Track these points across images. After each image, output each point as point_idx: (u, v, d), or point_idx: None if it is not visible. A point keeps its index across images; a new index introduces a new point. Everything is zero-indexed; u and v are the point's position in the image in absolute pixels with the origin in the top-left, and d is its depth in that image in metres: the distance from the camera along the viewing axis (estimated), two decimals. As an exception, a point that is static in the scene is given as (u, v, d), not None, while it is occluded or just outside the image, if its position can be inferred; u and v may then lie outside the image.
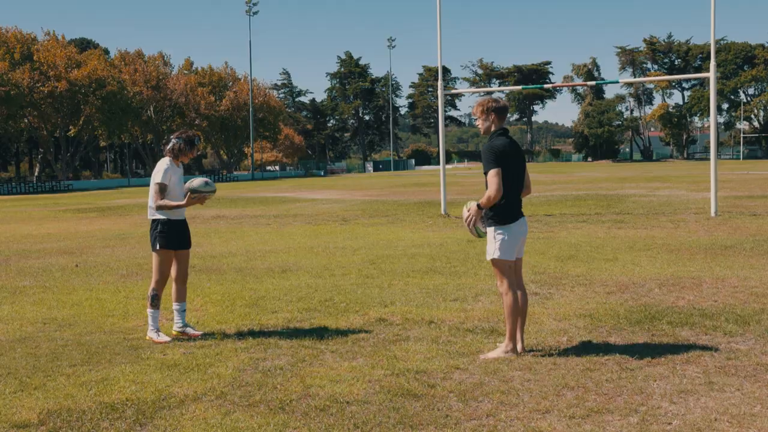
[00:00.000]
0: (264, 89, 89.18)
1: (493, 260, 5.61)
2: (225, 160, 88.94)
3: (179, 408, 4.59)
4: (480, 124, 5.70)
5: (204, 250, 12.98)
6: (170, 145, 6.50)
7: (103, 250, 13.56)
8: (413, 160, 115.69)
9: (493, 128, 5.65)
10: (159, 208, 6.34)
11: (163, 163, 6.45)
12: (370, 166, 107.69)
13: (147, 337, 6.38)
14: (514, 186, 5.56)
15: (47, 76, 59.74)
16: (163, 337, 6.33)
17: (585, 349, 5.74)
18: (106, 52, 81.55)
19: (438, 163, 21.85)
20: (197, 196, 6.46)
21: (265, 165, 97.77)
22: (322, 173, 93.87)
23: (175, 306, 6.56)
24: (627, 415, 4.29)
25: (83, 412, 4.54)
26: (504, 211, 5.53)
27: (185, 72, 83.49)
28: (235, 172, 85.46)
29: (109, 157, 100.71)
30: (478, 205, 5.54)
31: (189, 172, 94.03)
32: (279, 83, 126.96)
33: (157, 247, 6.36)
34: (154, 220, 6.43)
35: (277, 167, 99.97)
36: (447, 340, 6.08)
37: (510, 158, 5.51)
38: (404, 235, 14.61)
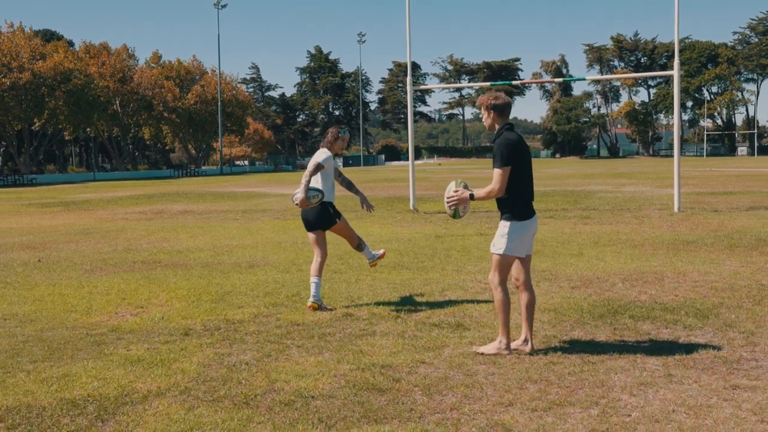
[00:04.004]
0: (232, 83, 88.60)
1: (497, 254, 5.51)
2: (193, 155, 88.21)
3: (142, 403, 4.56)
4: (484, 120, 5.66)
5: (170, 245, 12.88)
6: (325, 138, 7.59)
7: (67, 245, 13.39)
8: (383, 156, 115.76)
9: (496, 125, 5.57)
10: (305, 186, 7.12)
11: (325, 152, 7.41)
12: (339, 161, 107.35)
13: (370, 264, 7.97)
14: (526, 182, 5.48)
15: (9, 68, 58.71)
16: (380, 251, 8.03)
17: (548, 343, 5.81)
18: (71, 44, 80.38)
19: (407, 159, 21.92)
20: (303, 199, 7.18)
21: (233, 160, 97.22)
22: (291, 168, 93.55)
23: (314, 279, 7.27)
24: (588, 408, 4.35)
25: (43, 408, 4.49)
26: (520, 206, 5.46)
27: (152, 65, 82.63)
28: (203, 167, 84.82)
29: (74, 150, 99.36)
30: (472, 195, 5.49)
31: (156, 167, 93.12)
32: (248, 77, 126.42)
33: (338, 220, 7.49)
34: (323, 202, 7.34)
35: (246, 162, 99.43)
36: (413, 335, 6.11)
37: (523, 154, 5.46)
38: (373, 231, 14.63)
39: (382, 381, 4.91)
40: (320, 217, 7.39)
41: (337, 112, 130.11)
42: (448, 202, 5.61)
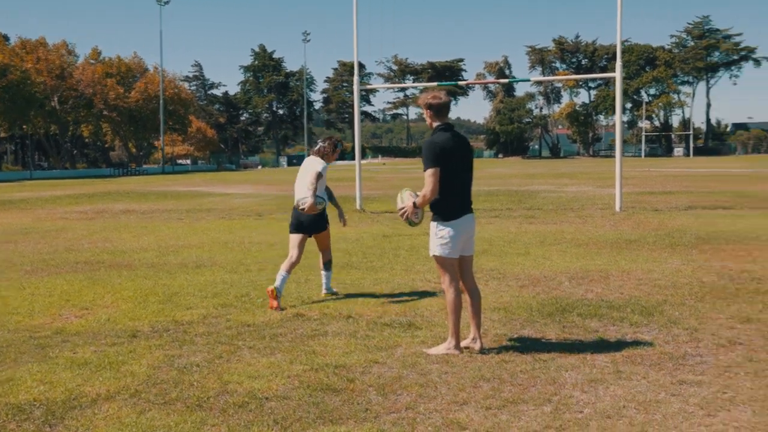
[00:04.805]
0: (175, 81, 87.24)
1: (434, 256, 5.58)
2: (134, 153, 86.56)
3: (91, 407, 4.45)
4: (426, 119, 5.66)
5: (113, 245, 12.62)
6: (317, 147, 7.79)
7: (5, 245, 13.00)
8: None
9: (434, 124, 5.58)
10: (313, 193, 7.44)
11: (320, 161, 7.63)
12: (284, 160, 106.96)
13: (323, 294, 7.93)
14: (458, 182, 5.48)
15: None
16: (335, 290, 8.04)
17: (500, 341, 5.87)
18: (6, 38, 78.05)
19: (353, 158, 21.82)
20: (312, 204, 7.47)
21: (176, 159, 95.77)
22: (234, 167, 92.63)
23: (283, 274, 7.51)
24: (541, 405, 4.41)
25: (-12, 414, 4.35)
26: (447, 207, 5.46)
27: (92, 62, 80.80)
28: (144, 166, 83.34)
29: (9, 148, 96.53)
30: (414, 204, 5.53)
31: (95, 165, 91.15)
32: (191, 75, 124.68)
33: (327, 227, 7.81)
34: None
35: (189, 161, 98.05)
36: (365, 335, 6.11)
37: (453, 154, 5.42)
38: (320, 230, 14.56)
39: (336, 381, 4.89)
40: (315, 220, 7.63)
41: (281, 111, 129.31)
42: (400, 214, 5.67)
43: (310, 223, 7.64)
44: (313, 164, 7.63)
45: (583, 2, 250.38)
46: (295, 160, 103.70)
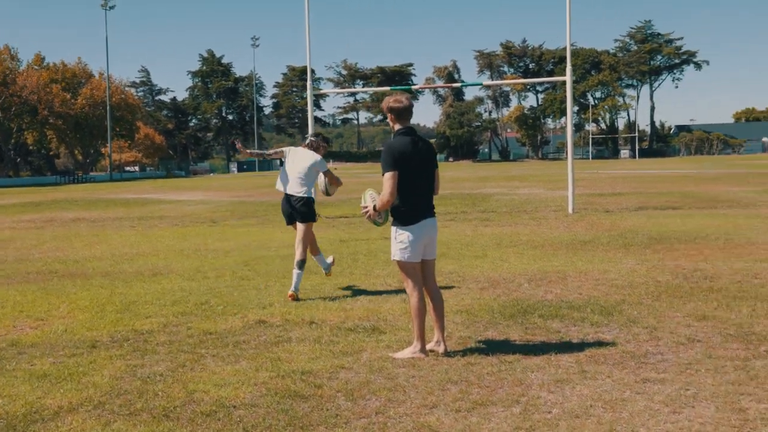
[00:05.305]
0: (121, 87, 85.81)
1: (395, 261, 5.59)
2: (80, 161, 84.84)
3: (54, 420, 4.34)
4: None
5: (65, 255, 12.34)
6: (307, 141, 8.32)
7: (-49, 256, 12.62)
8: (279, 161, 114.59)
9: (396, 128, 5.60)
10: (338, 185, 8.26)
11: (317, 155, 8.15)
12: (234, 166, 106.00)
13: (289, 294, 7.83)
14: (417, 186, 5.47)
15: None
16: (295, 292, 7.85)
17: (465, 344, 5.89)
18: (-55, 44, 75.92)
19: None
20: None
21: (123, 166, 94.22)
22: (184, 174, 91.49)
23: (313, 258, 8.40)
24: (510, 406, 4.44)
25: (-54, 430, 4.22)
26: (406, 212, 5.46)
27: (35, 67, 79.01)
28: (91, 173, 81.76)
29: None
30: (374, 207, 5.56)
31: (40, 173, 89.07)
32: (138, 81, 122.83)
33: (313, 220, 8.16)
34: (310, 198, 8.11)
35: (137, 168, 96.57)
36: (329, 340, 6.08)
37: (412, 158, 5.42)
38: (276, 236, 14.48)
39: (303, 388, 4.86)
40: (305, 210, 8.07)
41: (230, 117, 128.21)
42: (364, 215, 5.70)
43: (300, 212, 8.06)
44: (309, 156, 8.09)
45: (529, 7, 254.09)
46: (246, 167, 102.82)
